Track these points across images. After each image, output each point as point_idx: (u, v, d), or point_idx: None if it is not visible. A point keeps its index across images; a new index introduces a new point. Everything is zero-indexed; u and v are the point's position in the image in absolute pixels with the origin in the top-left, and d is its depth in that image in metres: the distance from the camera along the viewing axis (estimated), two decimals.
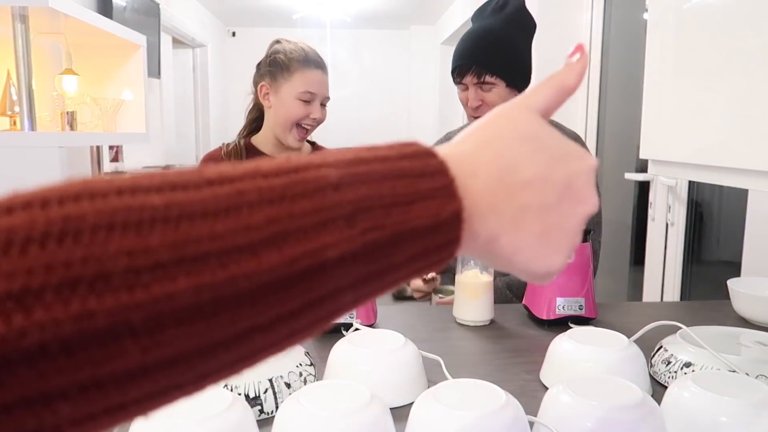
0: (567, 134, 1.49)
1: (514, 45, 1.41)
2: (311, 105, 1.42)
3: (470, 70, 1.37)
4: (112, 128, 2.27)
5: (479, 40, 1.39)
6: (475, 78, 1.37)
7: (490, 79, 1.37)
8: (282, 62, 1.41)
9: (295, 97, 1.40)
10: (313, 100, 1.42)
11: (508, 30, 1.40)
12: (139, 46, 2.30)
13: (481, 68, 1.37)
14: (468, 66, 1.38)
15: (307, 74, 1.41)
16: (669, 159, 0.81)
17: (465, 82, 1.40)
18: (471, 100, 1.40)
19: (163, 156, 3.84)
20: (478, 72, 1.37)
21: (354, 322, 0.98)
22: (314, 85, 1.41)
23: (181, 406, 0.65)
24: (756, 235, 1.60)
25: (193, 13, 4.60)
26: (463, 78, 1.39)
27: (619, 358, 0.80)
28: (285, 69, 1.41)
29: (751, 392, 0.64)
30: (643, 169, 2.38)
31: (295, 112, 1.41)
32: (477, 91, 1.39)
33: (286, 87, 1.41)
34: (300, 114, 1.41)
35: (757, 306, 1.11)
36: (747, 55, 0.64)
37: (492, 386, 0.64)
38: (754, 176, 0.64)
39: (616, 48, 2.78)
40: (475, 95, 1.39)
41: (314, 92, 1.41)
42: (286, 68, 1.41)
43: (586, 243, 1.09)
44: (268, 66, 1.43)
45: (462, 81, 1.40)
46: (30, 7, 1.61)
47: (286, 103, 1.42)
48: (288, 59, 1.41)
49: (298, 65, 1.40)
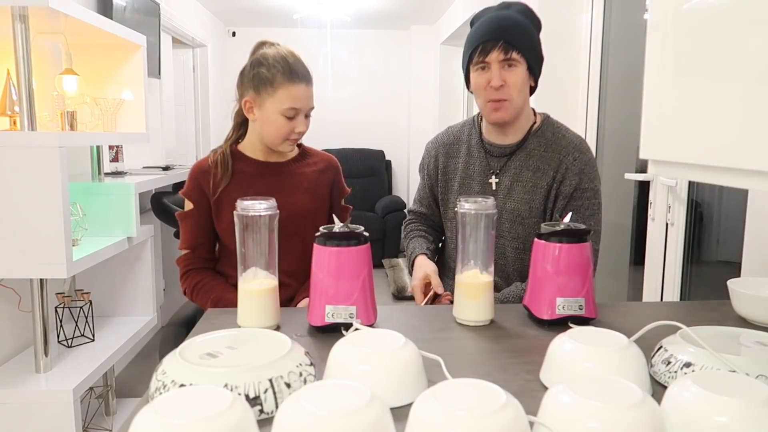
0: (571, 137, 1.49)
1: (533, 32, 1.42)
2: (296, 120, 1.40)
3: (497, 46, 1.35)
4: (112, 128, 2.27)
5: (503, 21, 1.38)
6: (502, 54, 1.35)
7: (516, 56, 1.35)
8: (265, 77, 1.37)
9: (280, 114, 1.38)
10: (298, 115, 1.40)
11: (524, 19, 1.41)
12: (139, 46, 2.30)
13: (509, 44, 1.35)
14: (495, 42, 1.35)
15: (291, 90, 1.37)
16: (669, 159, 0.81)
17: (489, 60, 1.36)
18: (494, 79, 1.36)
19: (163, 156, 3.84)
20: (506, 48, 1.35)
21: (354, 322, 0.98)
22: (298, 101, 1.38)
23: (181, 406, 0.64)
24: (756, 235, 1.60)
25: (193, 13, 4.60)
26: (487, 55, 1.36)
27: (619, 358, 0.80)
28: (269, 84, 1.37)
29: (751, 392, 0.64)
30: (643, 169, 2.38)
31: (280, 128, 1.40)
32: (501, 70, 1.36)
33: (269, 102, 1.38)
34: (285, 130, 1.40)
35: (757, 306, 1.12)
36: (748, 54, 0.64)
37: (492, 386, 0.63)
38: (754, 176, 0.64)
39: (616, 48, 2.78)
40: (499, 74, 1.36)
41: (298, 108, 1.39)
42: (269, 83, 1.37)
43: (586, 243, 1.09)
44: (251, 79, 1.39)
45: (485, 59, 1.37)
46: (30, 7, 1.61)
47: (271, 119, 1.40)
48: (271, 74, 1.37)
49: (281, 80, 1.37)
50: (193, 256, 1.48)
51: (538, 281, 1.11)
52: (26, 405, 1.72)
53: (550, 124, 1.49)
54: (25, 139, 1.62)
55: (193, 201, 1.46)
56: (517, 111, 1.42)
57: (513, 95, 1.38)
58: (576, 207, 1.42)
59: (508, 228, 1.46)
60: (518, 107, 1.41)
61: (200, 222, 1.46)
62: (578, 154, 1.43)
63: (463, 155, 1.54)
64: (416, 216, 1.68)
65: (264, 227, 1.07)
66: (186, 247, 1.48)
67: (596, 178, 1.45)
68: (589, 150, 1.47)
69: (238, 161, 1.48)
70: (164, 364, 0.79)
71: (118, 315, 2.40)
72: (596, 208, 1.44)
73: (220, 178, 1.44)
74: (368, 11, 5.07)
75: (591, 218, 1.42)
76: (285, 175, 1.50)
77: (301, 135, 1.43)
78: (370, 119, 6.00)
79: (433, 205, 1.63)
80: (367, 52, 5.93)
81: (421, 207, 1.65)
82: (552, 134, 1.46)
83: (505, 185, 1.46)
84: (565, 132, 1.48)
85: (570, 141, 1.45)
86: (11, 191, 1.62)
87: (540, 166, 1.44)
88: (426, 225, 1.65)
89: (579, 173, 1.42)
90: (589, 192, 1.42)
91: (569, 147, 1.44)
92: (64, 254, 1.66)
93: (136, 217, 2.19)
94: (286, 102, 1.37)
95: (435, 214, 1.64)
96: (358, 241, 1.05)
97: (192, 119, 4.97)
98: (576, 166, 1.42)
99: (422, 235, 1.59)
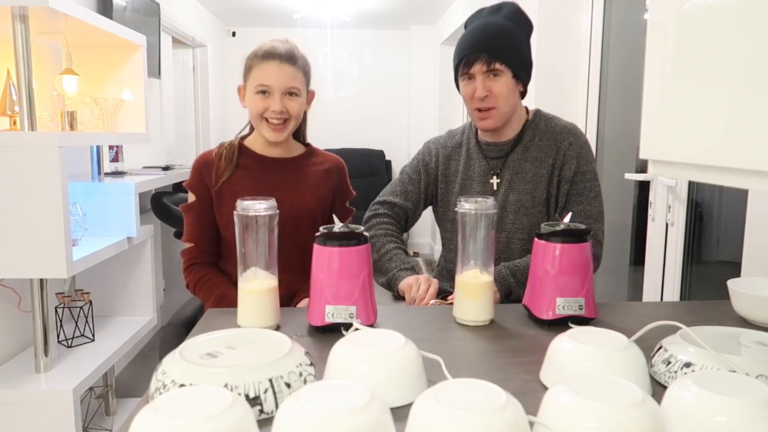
0: (564, 124, 1.52)
1: (520, 40, 1.43)
2: (269, 98, 1.40)
3: (479, 59, 1.38)
4: (112, 128, 2.27)
5: (486, 32, 1.40)
6: (484, 66, 1.38)
7: (499, 66, 1.38)
8: (246, 63, 1.43)
9: (254, 92, 1.40)
10: (270, 92, 1.39)
11: (510, 25, 1.42)
12: (139, 46, 2.30)
13: (491, 56, 1.37)
14: (477, 55, 1.38)
15: (263, 67, 1.39)
16: (669, 159, 0.81)
17: (473, 72, 1.39)
18: (479, 90, 1.39)
19: (163, 156, 3.84)
20: (488, 60, 1.37)
21: (354, 322, 0.98)
22: (268, 77, 1.39)
23: (181, 406, 0.64)
24: (756, 235, 1.60)
25: (193, 13, 4.59)
26: (471, 67, 1.39)
27: (619, 358, 0.80)
28: (247, 68, 1.42)
29: (751, 392, 0.64)
30: (643, 169, 2.38)
31: (254, 107, 1.41)
32: (485, 81, 1.39)
33: (248, 84, 1.43)
34: (258, 108, 1.40)
35: (757, 306, 1.12)
36: (747, 54, 0.64)
37: (492, 386, 0.63)
38: (754, 176, 0.64)
39: (616, 48, 2.78)
40: (483, 85, 1.39)
41: (268, 84, 1.39)
42: (248, 67, 1.42)
43: (586, 243, 1.09)
44: (243, 65, 1.45)
45: (469, 71, 1.40)
46: (30, 7, 1.61)
47: (249, 99, 1.43)
48: (250, 59, 1.42)
49: (255, 61, 1.40)
50: (197, 250, 1.47)
51: (538, 281, 1.11)
52: (26, 405, 1.72)
53: (543, 115, 1.53)
54: (25, 139, 1.62)
55: (196, 193, 1.47)
56: (505, 118, 1.46)
57: (499, 103, 1.42)
58: (579, 190, 1.46)
59: (512, 220, 1.47)
60: (506, 114, 1.44)
61: (202, 214, 1.47)
62: (573, 138, 1.47)
63: (462, 158, 1.55)
64: (390, 209, 1.58)
65: (264, 227, 1.07)
66: (189, 239, 1.48)
67: (593, 160, 1.50)
68: (583, 134, 1.50)
69: (243, 155, 1.49)
70: (164, 364, 0.79)
71: (118, 315, 2.40)
72: (598, 190, 1.48)
73: (223, 170, 1.45)
74: (368, 11, 5.07)
75: (595, 200, 1.46)
76: (288, 171, 1.50)
77: (278, 115, 1.40)
78: (370, 119, 6.00)
79: (419, 202, 1.59)
80: (367, 52, 5.93)
81: (404, 201, 1.58)
82: (545, 124, 1.51)
83: (506, 180, 1.49)
84: (557, 120, 1.52)
85: (564, 127, 1.49)
86: (11, 191, 1.62)
87: (538, 156, 1.47)
88: (396, 227, 1.58)
89: (577, 156, 1.46)
90: (589, 174, 1.47)
91: (564, 132, 1.48)
92: (64, 254, 1.66)
93: (136, 217, 2.19)
94: (257, 79, 1.39)
95: (415, 212, 1.60)
96: (358, 241, 1.05)
97: (192, 119, 4.97)
98: (573, 150, 1.46)
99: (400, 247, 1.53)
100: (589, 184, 1.46)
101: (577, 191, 1.45)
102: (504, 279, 1.39)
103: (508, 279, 1.40)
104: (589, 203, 1.45)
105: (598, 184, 1.48)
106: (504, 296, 1.40)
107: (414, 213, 1.62)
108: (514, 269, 1.41)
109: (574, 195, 1.45)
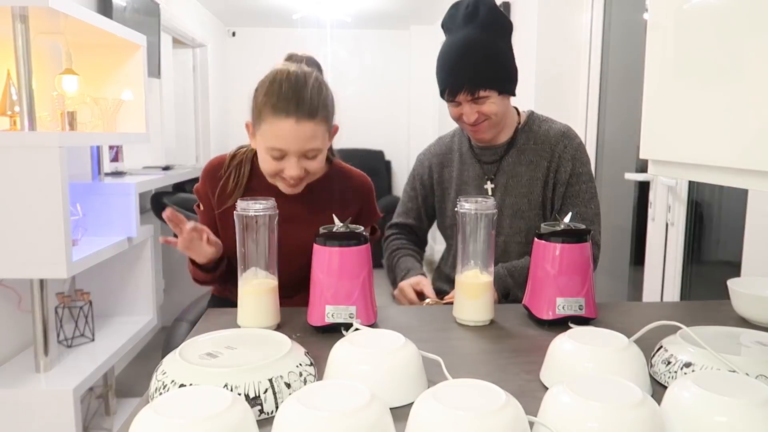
0: (558, 126, 1.52)
1: (499, 52, 1.39)
2: (284, 161, 1.18)
3: (462, 89, 1.36)
4: (112, 128, 2.27)
5: (464, 57, 1.36)
6: (468, 95, 1.36)
7: (484, 93, 1.36)
8: (256, 105, 1.18)
9: (265, 151, 1.18)
10: (286, 156, 1.17)
11: (488, 38, 1.37)
12: (139, 46, 2.30)
13: (474, 86, 1.35)
14: (459, 85, 1.36)
15: (275, 126, 1.14)
16: (669, 159, 0.81)
17: (458, 100, 1.38)
18: (467, 115, 1.39)
19: (163, 156, 3.84)
20: (471, 89, 1.35)
21: (354, 322, 0.98)
22: (282, 140, 1.15)
23: (181, 406, 0.64)
24: (756, 235, 1.60)
25: (193, 13, 4.59)
26: (455, 97, 1.38)
27: (619, 358, 0.80)
28: (258, 114, 1.18)
29: (751, 392, 0.64)
30: (643, 169, 2.38)
31: (268, 167, 1.20)
32: (471, 105, 1.38)
33: (259, 135, 1.19)
34: (271, 169, 1.20)
35: (757, 306, 1.12)
36: (747, 54, 0.64)
37: (492, 386, 0.64)
38: (754, 176, 0.64)
39: (616, 48, 2.78)
40: (471, 110, 1.38)
41: (282, 148, 1.16)
42: (258, 114, 1.18)
43: (586, 243, 1.09)
44: (252, 100, 1.20)
45: (455, 99, 1.39)
46: (30, 7, 1.61)
47: (260, 153, 1.21)
48: (262, 102, 1.16)
49: (267, 113, 1.15)
50: None
51: (538, 281, 1.11)
52: (26, 405, 1.72)
53: (536, 118, 1.52)
54: (25, 139, 1.62)
55: (201, 202, 1.36)
56: (498, 127, 1.45)
57: (490, 117, 1.40)
58: (575, 192, 1.45)
59: (509, 224, 1.47)
60: (498, 123, 1.44)
61: (207, 222, 1.35)
62: (567, 140, 1.46)
63: (456, 163, 1.55)
64: (401, 229, 1.64)
65: (264, 227, 1.07)
66: None
67: (588, 162, 1.49)
68: (577, 136, 1.50)
69: (254, 178, 1.31)
70: (164, 364, 0.79)
71: (118, 315, 2.40)
72: (594, 191, 1.48)
73: (230, 193, 1.29)
74: (368, 11, 5.07)
75: (591, 201, 1.46)
76: (305, 201, 1.30)
77: (294, 179, 1.20)
78: (370, 119, 6.00)
79: (422, 217, 1.63)
80: (367, 52, 5.93)
81: (408, 219, 1.63)
82: (539, 126, 1.50)
83: (501, 185, 1.48)
84: (551, 123, 1.51)
85: (558, 130, 1.48)
86: (11, 191, 1.62)
87: (533, 159, 1.46)
88: (412, 241, 1.63)
89: (572, 159, 1.45)
90: (584, 176, 1.46)
91: (558, 135, 1.47)
92: (64, 254, 1.66)
93: (136, 217, 2.19)
94: (269, 139, 1.16)
95: (421, 227, 1.64)
96: (358, 241, 1.05)
97: (192, 119, 4.96)
98: (568, 152, 1.45)
99: (411, 254, 1.57)
100: (584, 186, 1.45)
101: (572, 193, 1.45)
102: (502, 279, 1.39)
103: (506, 279, 1.40)
104: (585, 205, 1.44)
105: (593, 186, 1.47)
106: (502, 296, 1.40)
107: (420, 228, 1.64)
108: (512, 269, 1.41)
109: (570, 197, 1.45)
